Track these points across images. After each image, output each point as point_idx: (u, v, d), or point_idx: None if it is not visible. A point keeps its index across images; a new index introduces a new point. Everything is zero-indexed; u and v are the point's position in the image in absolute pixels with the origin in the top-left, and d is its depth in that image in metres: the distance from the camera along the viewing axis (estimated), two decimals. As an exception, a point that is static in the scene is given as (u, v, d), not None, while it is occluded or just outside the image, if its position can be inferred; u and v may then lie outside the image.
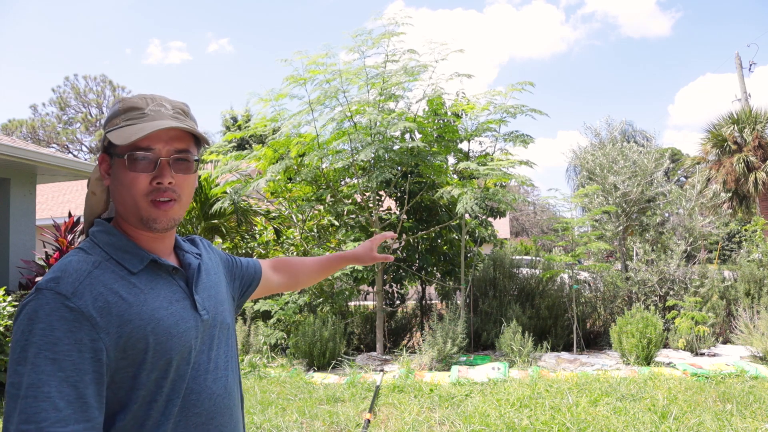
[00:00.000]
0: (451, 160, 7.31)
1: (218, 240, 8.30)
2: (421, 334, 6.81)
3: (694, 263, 7.42)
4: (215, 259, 1.23)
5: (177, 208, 1.01)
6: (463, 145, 7.21)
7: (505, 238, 14.86)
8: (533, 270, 7.79)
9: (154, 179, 0.97)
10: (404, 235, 7.10)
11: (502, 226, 18.17)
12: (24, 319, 0.85)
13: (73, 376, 0.83)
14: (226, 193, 7.02)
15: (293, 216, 7.50)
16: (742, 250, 8.07)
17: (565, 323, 6.97)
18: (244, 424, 1.19)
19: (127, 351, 0.90)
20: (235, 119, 21.64)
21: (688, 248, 7.41)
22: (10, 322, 4.93)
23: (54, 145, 31.25)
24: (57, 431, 0.79)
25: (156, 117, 0.98)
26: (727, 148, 16.37)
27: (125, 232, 1.02)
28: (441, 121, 6.88)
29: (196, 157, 1.04)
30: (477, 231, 7.37)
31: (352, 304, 7.80)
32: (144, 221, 0.99)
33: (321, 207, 7.44)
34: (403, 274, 7.34)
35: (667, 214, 8.43)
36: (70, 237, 6.56)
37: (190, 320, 1.00)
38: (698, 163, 17.38)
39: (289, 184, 7.32)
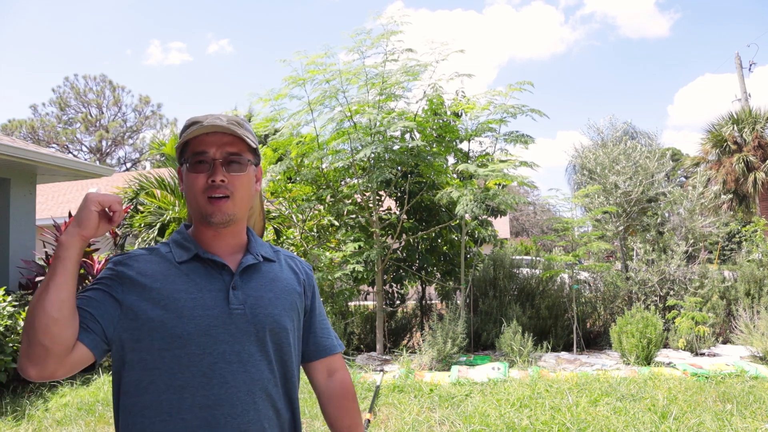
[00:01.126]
0: (451, 160, 7.31)
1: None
2: (421, 334, 6.81)
3: (695, 263, 7.42)
4: (296, 274, 1.29)
5: (230, 204, 1.14)
6: (463, 145, 7.20)
7: (505, 238, 14.86)
8: (533, 270, 7.78)
9: (209, 178, 1.13)
10: (404, 235, 7.10)
11: (502, 226, 18.17)
12: None
13: (94, 297, 1.09)
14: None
15: (293, 216, 7.50)
16: (742, 250, 8.07)
17: (565, 323, 6.97)
18: (291, 425, 1.21)
19: (139, 314, 1.08)
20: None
21: (689, 249, 7.42)
22: (10, 321, 4.94)
23: (54, 145, 31.25)
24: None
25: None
26: (727, 148, 16.39)
27: (194, 232, 1.20)
28: (441, 121, 6.88)
29: (250, 160, 1.19)
30: (477, 231, 7.37)
31: (352, 304, 7.80)
32: (203, 217, 1.15)
33: (321, 207, 7.44)
34: (403, 274, 7.34)
35: (667, 214, 8.44)
36: (70, 237, 6.55)
37: (214, 309, 1.11)
38: (698, 164, 17.40)
39: (289, 184, 7.32)
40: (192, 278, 1.12)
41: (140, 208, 8.41)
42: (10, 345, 4.82)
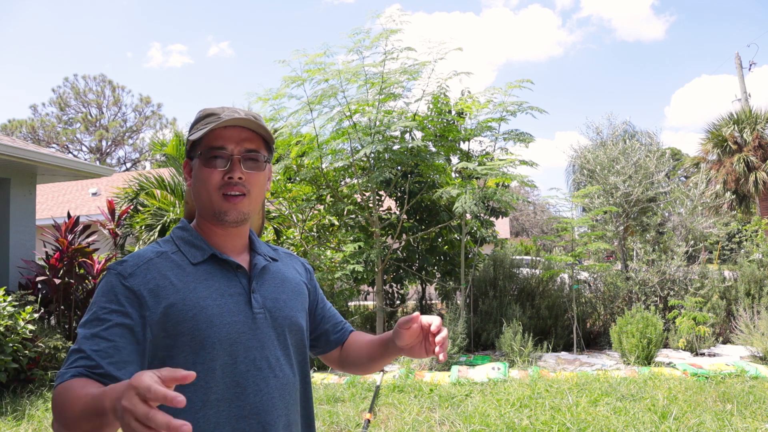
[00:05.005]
0: (455, 160, 7.31)
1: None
2: (421, 334, 6.79)
3: (696, 263, 7.41)
4: (298, 272, 1.28)
5: (246, 202, 1.10)
6: (464, 145, 7.21)
7: (506, 238, 14.84)
8: (533, 270, 7.78)
9: (225, 174, 1.08)
10: (404, 235, 7.09)
11: (502, 226, 18.15)
12: (97, 290, 1.03)
13: (114, 338, 0.95)
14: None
15: (293, 216, 7.49)
16: (742, 250, 8.07)
17: (565, 323, 6.97)
18: (306, 427, 1.18)
19: (168, 330, 1.00)
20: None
21: (689, 249, 7.41)
22: (11, 322, 4.93)
23: (54, 145, 31.25)
24: (90, 353, 0.93)
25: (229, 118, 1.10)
26: (727, 148, 16.36)
27: (200, 229, 1.14)
28: (445, 120, 6.87)
29: (266, 158, 1.14)
30: (478, 231, 7.37)
31: (352, 304, 7.80)
32: (216, 214, 1.09)
33: (321, 207, 7.44)
34: (403, 274, 7.34)
35: (667, 214, 8.42)
36: (70, 237, 6.55)
37: (239, 314, 1.06)
38: (698, 164, 17.37)
39: (289, 184, 7.32)
40: (211, 282, 1.07)
41: (140, 208, 8.41)
42: (10, 345, 4.81)
